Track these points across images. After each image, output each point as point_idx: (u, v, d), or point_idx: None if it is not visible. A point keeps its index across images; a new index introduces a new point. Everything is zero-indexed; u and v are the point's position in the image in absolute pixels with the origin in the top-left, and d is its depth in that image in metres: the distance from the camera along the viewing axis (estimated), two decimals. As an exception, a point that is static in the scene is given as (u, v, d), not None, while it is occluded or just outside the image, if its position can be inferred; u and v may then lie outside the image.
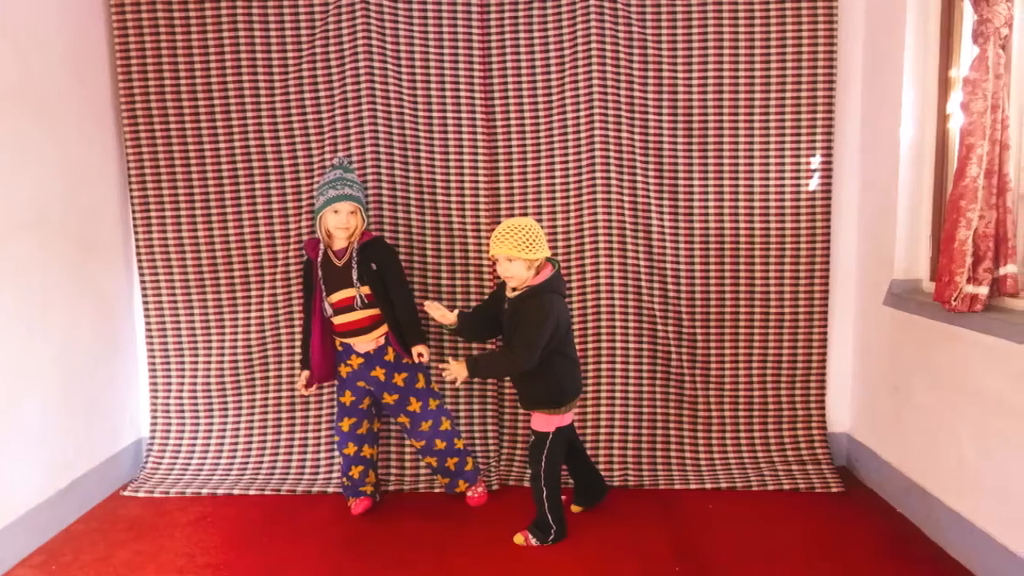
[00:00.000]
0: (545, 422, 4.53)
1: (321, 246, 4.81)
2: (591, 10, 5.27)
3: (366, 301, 4.77)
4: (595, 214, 5.41)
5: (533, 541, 4.50)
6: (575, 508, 4.88)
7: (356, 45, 5.33)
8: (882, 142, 5.03)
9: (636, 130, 5.37)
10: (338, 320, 4.82)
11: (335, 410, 5.08)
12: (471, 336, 4.80)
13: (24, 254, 4.48)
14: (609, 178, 5.38)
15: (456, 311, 4.63)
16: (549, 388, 4.51)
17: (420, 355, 4.81)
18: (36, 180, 4.60)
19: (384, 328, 4.87)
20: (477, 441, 5.54)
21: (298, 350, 5.51)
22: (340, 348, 4.93)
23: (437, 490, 5.28)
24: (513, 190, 5.46)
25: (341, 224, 4.70)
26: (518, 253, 4.29)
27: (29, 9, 4.56)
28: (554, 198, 5.43)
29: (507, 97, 5.42)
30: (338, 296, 4.78)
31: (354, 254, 4.74)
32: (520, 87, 5.41)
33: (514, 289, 4.42)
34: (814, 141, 5.31)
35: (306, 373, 4.97)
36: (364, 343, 4.85)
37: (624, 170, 5.36)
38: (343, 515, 4.92)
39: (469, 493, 5.06)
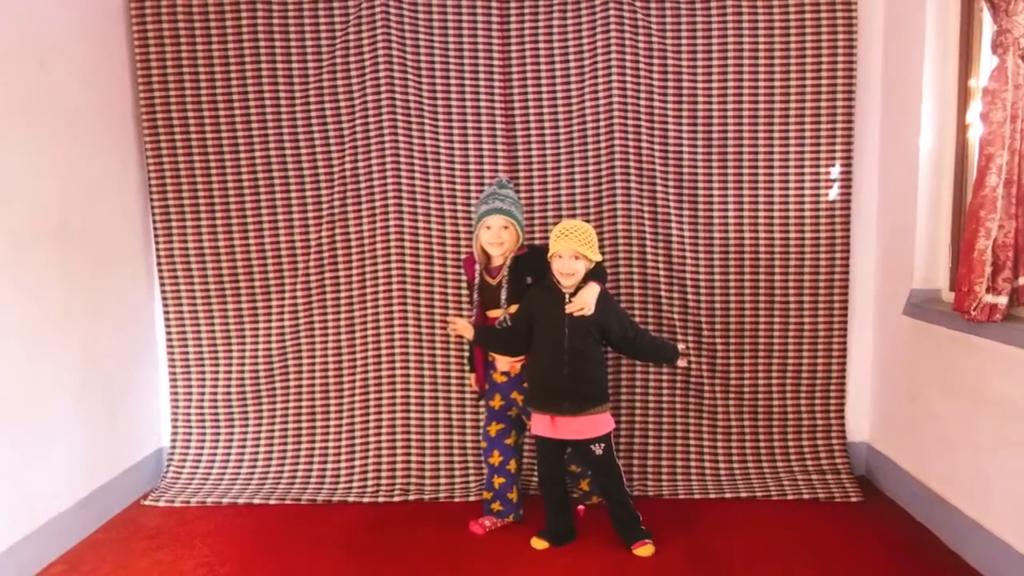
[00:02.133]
0: (608, 420, 4.57)
1: (477, 266, 4.78)
2: (611, 22, 5.32)
3: (509, 322, 4.68)
4: (615, 225, 5.46)
5: (650, 543, 4.50)
6: (540, 544, 4.62)
7: (376, 57, 5.39)
8: (901, 152, 5.06)
9: (656, 141, 5.41)
10: None
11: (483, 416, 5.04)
12: (501, 349, 4.77)
13: (45, 262, 4.50)
14: (629, 189, 5.43)
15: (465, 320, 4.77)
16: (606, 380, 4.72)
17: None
18: (58, 189, 4.63)
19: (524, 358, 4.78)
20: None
21: (318, 360, 5.59)
22: (490, 359, 4.90)
23: (459, 499, 5.31)
24: (533, 200, 5.51)
25: (494, 239, 4.65)
26: (586, 251, 4.39)
27: (51, 19, 4.61)
28: (574, 209, 5.48)
29: (527, 108, 5.47)
30: (491, 314, 4.76)
31: (506, 271, 4.70)
32: (540, 97, 5.46)
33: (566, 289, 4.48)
34: (833, 151, 5.35)
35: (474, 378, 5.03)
36: (503, 363, 4.83)
37: (644, 181, 5.39)
38: (360, 524, 4.95)
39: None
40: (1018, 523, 3.90)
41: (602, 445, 4.52)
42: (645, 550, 4.45)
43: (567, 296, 4.45)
